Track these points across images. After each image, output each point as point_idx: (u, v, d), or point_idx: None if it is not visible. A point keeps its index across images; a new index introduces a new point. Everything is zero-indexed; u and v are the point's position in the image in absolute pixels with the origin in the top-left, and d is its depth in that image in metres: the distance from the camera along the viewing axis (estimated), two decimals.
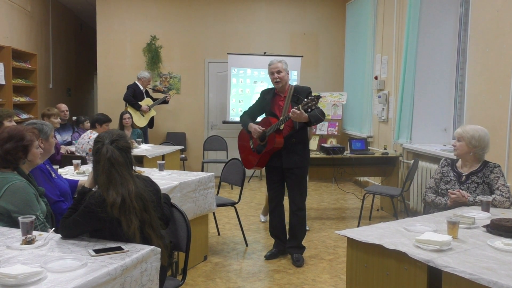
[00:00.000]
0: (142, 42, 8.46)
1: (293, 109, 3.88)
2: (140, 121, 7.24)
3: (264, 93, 4.39)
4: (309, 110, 3.87)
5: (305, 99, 3.88)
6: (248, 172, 7.61)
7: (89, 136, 5.37)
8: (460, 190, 3.20)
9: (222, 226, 5.38)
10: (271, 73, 4.16)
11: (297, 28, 8.77)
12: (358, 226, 5.22)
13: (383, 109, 6.79)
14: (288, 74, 4.22)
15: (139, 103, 7.29)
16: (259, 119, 4.46)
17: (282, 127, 4.10)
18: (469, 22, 5.04)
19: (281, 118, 4.07)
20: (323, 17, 8.80)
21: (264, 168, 4.37)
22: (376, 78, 7.06)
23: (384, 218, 5.85)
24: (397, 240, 2.38)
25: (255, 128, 4.18)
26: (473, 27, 4.84)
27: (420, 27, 5.74)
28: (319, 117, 4.00)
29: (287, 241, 4.39)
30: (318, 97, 3.86)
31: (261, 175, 8.42)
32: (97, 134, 5.29)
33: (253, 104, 4.45)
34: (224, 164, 5.12)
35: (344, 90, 8.52)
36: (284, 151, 4.15)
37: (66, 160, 4.90)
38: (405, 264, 2.23)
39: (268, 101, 4.27)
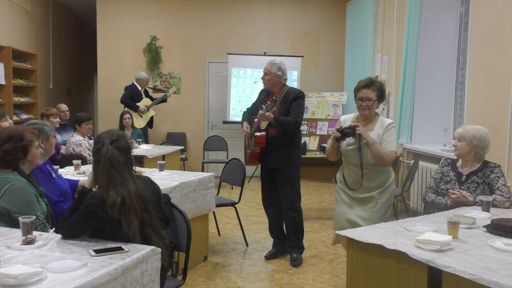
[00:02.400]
0: (142, 42, 8.46)
1: (260, 110, 4.01)
2: (139, 122, 7.23)
3: (261, 92, 4.48)
4: (267, 111, 3.95)
5: (268, 101, 4.02)
6: (248, 172, 7.61)
7: (69, 140, 5.35)
8: (461, 190, 3.20)
9: (222, 226, 5.38)
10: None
11: (297, 28, 8.77)
12: None
13: (383, 109, 6.79)
14: (278, 77, 4.19)
15: (137, 104, 7.29)
16: None
17: (263, 126, 4.16)
18: (469, 22, 5.04)
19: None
20: (323, 17, 8.80)
21: None
22: (376, 78, 7.05)
23: None
24: (398, 240, 2.38)
25: (243, 128, 4.30)
26: (473, 27, 4.83)
27: (420, 27, 5.74)
28: (280, 122, 4.01)
29: (286, 240, 4.41)
30: (275, 100, 4.00)
31: None
32: (78, 136, 5.31)
33: (253, 103, 4.52)
34: (224, 164, 5.13)
35: (345, 90, 8.51)
36: (269, 151, 4.21)
37: (66, 160, 4.90)
38: (406, 264, 2.23)
39: (260, 100, 4.33)
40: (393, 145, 3.34)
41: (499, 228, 2.49)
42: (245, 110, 4.52)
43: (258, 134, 4.17)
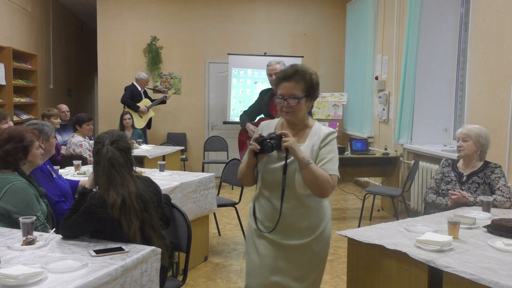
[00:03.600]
0: (143, 42, 8.46)
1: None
2: (139, 122, 7.23)
3: (263, 93, 4.43)
4: None
5: None
6: None
7: (70, 141, 5.34)
8: (461, 191, 3.20)
9: (222, 226, 5.38)
10: (269, 75, 4.21)
11: (297, 29, 8.78)
12: (359, 226, 5.21)
13: (384, 109, 6.79)
14: None
15: (137, 104, 7.29)
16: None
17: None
18: (469, 22, 5.05)
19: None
20: (324, 17, 8.80)
21: None
22: (376, 78, 7.06)
23: (384, 218, 5.84)
24: (398, 240, 2.38)
25: (251, 128, 4.23)
26: (473, 27, 4.84)
27: (420, 27, 5.74)
28: None
29: None
30: None
31: None
32: (78, 137, 5.30)
33: (252, 104, 4.50)
34: (224, 164, 5.13)
35: (345, 90, 8.52)
36: None
37: (67, 160, 4.90)
38: (406, 264, 2.23)
39: (265, 101, 4.31)
40: (335, 165, 2.22)
41: (500, 228, 2.49)
42: (245, 110, 4.50)
43: None
